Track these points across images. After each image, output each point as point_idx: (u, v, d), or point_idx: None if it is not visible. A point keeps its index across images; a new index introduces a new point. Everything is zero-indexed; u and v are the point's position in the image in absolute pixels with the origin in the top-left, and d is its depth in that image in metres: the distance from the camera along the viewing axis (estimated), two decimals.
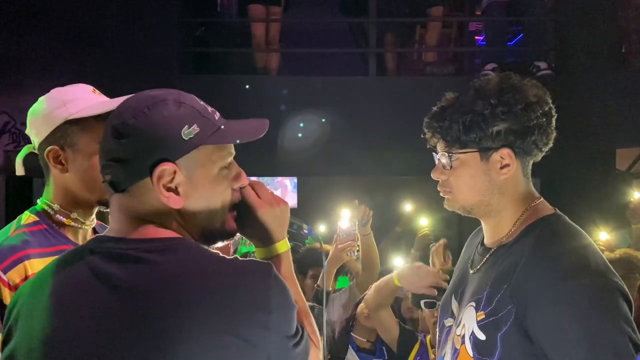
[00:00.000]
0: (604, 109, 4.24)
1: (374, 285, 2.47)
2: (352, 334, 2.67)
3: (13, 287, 1.25)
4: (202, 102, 1.04)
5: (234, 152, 1.06)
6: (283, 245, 1.12)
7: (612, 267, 1.20)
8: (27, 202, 4.98)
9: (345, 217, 2.75)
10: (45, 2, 4.54)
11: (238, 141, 1.04)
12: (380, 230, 4.99)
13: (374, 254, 3.02)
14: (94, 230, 1.46)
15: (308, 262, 3.22)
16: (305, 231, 1.27)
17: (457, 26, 5.44)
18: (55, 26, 4.47)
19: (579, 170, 4.16)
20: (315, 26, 5.15)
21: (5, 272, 1.26)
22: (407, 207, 4.61)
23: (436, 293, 2.20)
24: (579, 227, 1.29)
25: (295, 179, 6.92)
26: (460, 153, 1.30)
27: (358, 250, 2.77)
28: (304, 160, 4.72)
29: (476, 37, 5.77)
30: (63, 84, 1.44)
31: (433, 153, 1.38)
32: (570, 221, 1.30)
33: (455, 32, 5.43)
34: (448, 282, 2.13)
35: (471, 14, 5.52)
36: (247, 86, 4.68)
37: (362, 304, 2.66)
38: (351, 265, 3.27)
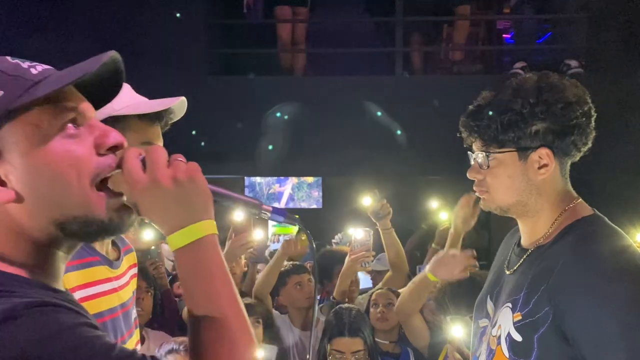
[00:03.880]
0: (636, 107, 4.14)
1: (405, 290, 2.41)
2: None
3: None
4: (14, 60, 0.78)
5: (83, 106, 0.80)
6: (191, 233, 0.81)
7: None
8: None
9: (359, 229, 2.73)
10: (75, 5, 4.63)
11: (61, 85, 0.75)
12: (407, 229, 4.97)
13: (399, 250, 2.97)
14: (113, 242, 1.37)
15: (332, 263, 3.19)
16: (267, 214, 0.92)
17: (485, 24, 5.38)
18: (85, 28, 4.55)
19: (609, 170, 4.08)
20: (341, 26, 5.14)
21: None
22: (433, 204, 4.59)
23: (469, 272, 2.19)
24: (618, 228, 1.26)
25: (320, 179, 6.95)
26: (498, 152, 1.28)
27: (373, 261, 2.75)
28: (330, 161, 4.73)
29: (504, 35, 5.70)
30: None
31: (468, 152, 1.37)
32: (609, 222, 1.28)
33: (483, 30, 5.38)
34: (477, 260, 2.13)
35: (499, 12, 5.45)
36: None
37: (377, 310, 2.62)
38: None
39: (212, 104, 4.51)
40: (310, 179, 7.12)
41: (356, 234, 2.71)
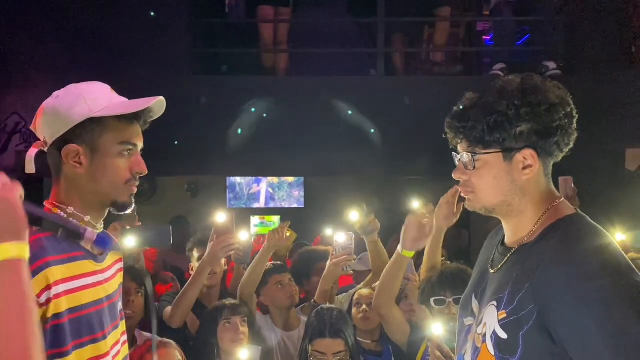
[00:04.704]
0: (613, 109, 4.23)
1: (381, 277, 2.37)
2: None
3: None
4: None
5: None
6: None
7: (634, 266, 1.21)
8: (38, 204, 5.00)
9: (341, 232, 2.72)
10: (57, 3, 4.56)
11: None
12: (390, 229, 5.00)
13: (384, 260, 2.99)
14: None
15: (311, 262, 3.18)
16: (89, 244, 1.03)
17: (465, 26, 5.44)
18: (66, 27, 4.48)
19: (588, 170, 4.15)
20: (323, 26, 5.15)
21: None
22: (415, 204, 4.61)
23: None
24: (599, 227, 1.29)
25: (301, 179, 6.95)
26: (484, 153, 1.30)
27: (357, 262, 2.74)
28: (311, 161, 4.73)
29: (484, 37, 5.77)
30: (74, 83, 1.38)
31: (453, 153, 1.38)
32: (591, 221, 1.31)
33: (463, 31, 5.43)
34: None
35: (479, 14, 5.51)
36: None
37: (360, 309, 2.61)
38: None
39: (194, 103, 4.49)
40: (290, 179, 7.12)
41: (338, 237, 2.71)
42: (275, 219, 7.12)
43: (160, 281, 3.50)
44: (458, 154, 1.37)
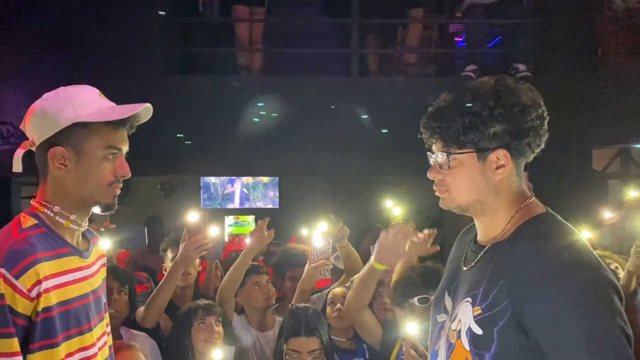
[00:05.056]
0: (580, 111, 4.34)
1: (354, 284, 2.41)
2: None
3: (25, 293, 1.25)
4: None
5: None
6: None
7: (604, 263, 1.25)
8: (4, 203, 4.89)
9: (319, 236, 2.73)
10: (28, 1, 4.46)
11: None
12: (364, 228, 5.03)
13: (355, 261, 3.04)
14: (83, 234, 1.47)
15: (286, 263, 3.21)
16: None
17: (438, 28, 5.51)
18: (38, 24, 4.39)
19: (556, 170, 4.25)
20: (299, 26, 5.16)
21: (17, 278, 1.24)
22: (388, 203, 4.66)
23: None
24: (569, 225, 1.33)
25: (276, 179, 6.94)
26: (458, 153, 1.33)
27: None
28: (286, 161, 4.73)
29: (456, 39, 5.84)
30: (47, 83, 1.44)
31: (428, 153, 1.40)
32: (562, 219, 1.34)
33: (436, 33, 5.50)
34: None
35: (452, 16, 5.59)
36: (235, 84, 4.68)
37: (334, 308, 2.62)
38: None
39: (168, 103, 4.44)
40: (265, 179, 7.11)
41: (316, 242, 2.72)
42: (250, 218, 7.10)
43: (136, 282, 3.46)
44: (433, 153, 1.39)
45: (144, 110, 1.43)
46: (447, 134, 1.32)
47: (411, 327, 1.85)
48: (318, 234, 2.76)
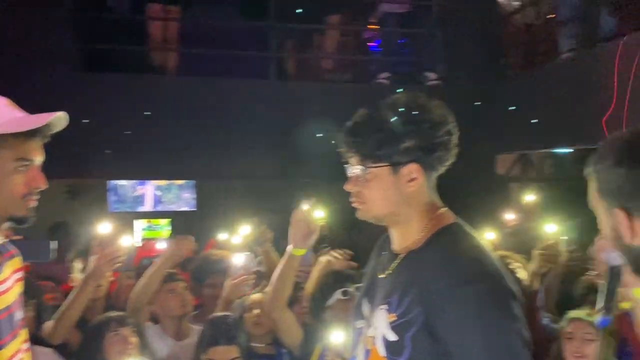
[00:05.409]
0: (486, 118, 4.60)
1: (272, 279, 2.34)
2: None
3: None
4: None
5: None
6: None
7: (504, 271, 1.35)
8: None
9: (240, 254, 2.69)
10: None
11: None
12: (284, 232, 5.04)
13: (276, 264, 3.05)
14: None
15: (205, 269, 3.16)
16: None
17: (353, 35, 5.63)
18: None
19: (463, 175, 4.47)
20: (216, 27, 5.08)
21: None
22: (306, 208, 4.70)
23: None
24: (475, 235, 1.42)
25: (193, 182, 6.77)
26: (373, 167, 1.38)
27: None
28: (202, 164, 4.65)
29: (370, 44, 5.99)
30: None
31: (346, 166, 1.46)
32: (469, 229, 1.43)
33: (352, 40, 5.62)
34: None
35: (367, 22, 5.74)
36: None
37: (252, 315, 2.61)
38: None
39: (76, 102, 4.22)
40: (180, 181, 6.92)
41: (236, 259, 2.69)
42: (164, 222, 6.89)
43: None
44: (351, 166, 1.44)
45: (58, 119, 1.37)
46: (363, 148, 1.38)
47: (336, 336, 1.88)
48: (238, 252, 2.73)
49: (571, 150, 5.58)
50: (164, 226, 6.89)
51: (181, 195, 7.04)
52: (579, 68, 3.84)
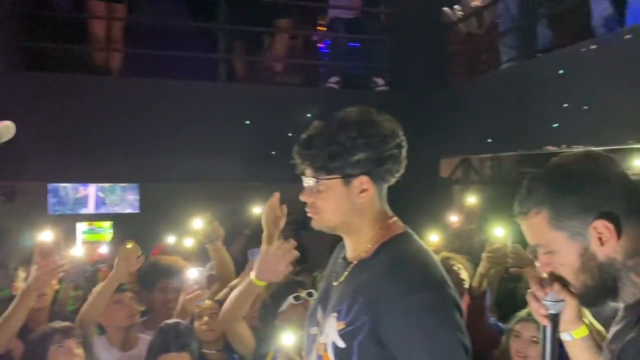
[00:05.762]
0: (430, 124, 4.73)
1: (230, 297, 2.42)
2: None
3: None
4: None
5: None
6: None
7: (448, 280, 1.41)
8: None
9: (194, 269, 2.67)
10: None
11: None
12: (233, 234, 5.01)
13: (228, 269, 3.04)
14: None
15: (155, 274, 3.12)
16: None
17: (303, 38, 5.67)
18: None
19: (408, 179, 4.59)
20: (163, 27, 4.98)
21: None
22: (256, 209, 4.71)
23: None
24: (423, 244, 1.49)
25: (137, 186, 6.60)
26: (326, 179, 1.43)
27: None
28: (147, 166, 4.55)
29: (319, 45, 6.05)
30: None
31: (302, 176, 1.50)
32: (416, 238, 1.50)
33: (301, 43, 5.65)
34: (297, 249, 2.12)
35: (316, 25, 5.78)
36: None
37: (202, 321, 2.60)
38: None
39: (14, 101, 4.05)
40: None
41: (190, 273, 2.66)
42: (107, 224, 6.69)
43: None
44: (305, 177, 1.47)
45: (6, 128, 1.33)
46: (315, 161, 1.43)
47: (287, 338, 1.90)
48: (193, 270, 2.69)
49: (511, 154, 5.82)
50: (106, 229, 6.69)
51: (125, 197, 6.86)
52: (519, 77, 4.02)
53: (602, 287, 1.15)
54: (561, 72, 3.52)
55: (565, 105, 3.49)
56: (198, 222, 2.99)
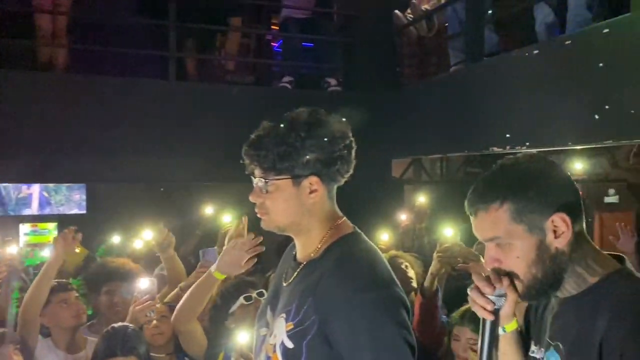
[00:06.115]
0: (382, 124, 4.80)
1: (188, 293, 2.33)
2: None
3: None
4: None
5: None
6: None
7: (395, 279, 1.43)
8: None
9: (145, 279, 2.64)
10: None
11: None
12: (180, 234, 4.92)
13: (179, 274, 3.01)
14: None
15: (102, 276, 3.05)
16: None
17: (256, 37, 5.64)
18: None
19: (361, 179, 4.63)
20: (112, 23, 4.85)
21: None
22: (209, 210, 4.66)
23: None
24: (371, 244, 1.51)
25: (84, 186, 6.40)
26: (275, 179, 1.43)
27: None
28: (94, 166, 4.42)
29: (273, 44, 6.03)
30: None
31: (251, 177, 1.49)
32: (365, 238, 1.51)
33: (254, 42, 5.62)
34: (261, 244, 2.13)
35: (269, 25, 5.76)
36: None
37: (151, 325, 2.55)
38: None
39: None
40: None
41: (141, 283, 2.61)
42: (52, 226, 6.45)
43: None
44: (254, 178, 1.47)
45: None
46: (265, 161, 1.42)
47: (242, 336, 1.89)
48: (143, 277, 2.65)
49: (460, 154, 5.98)
50: (51, 230, 6.46)
51: (71, 197, 6.63)
52: (467, 80, 4.12)
53: (550, 279, 1.22)
54: (507, 75, 3.65)
55: (510, 107, 3.61)
56: (149, 233, 2.98)
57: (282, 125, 1.43)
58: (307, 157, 1.42)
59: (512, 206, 1.20)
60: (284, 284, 1.53)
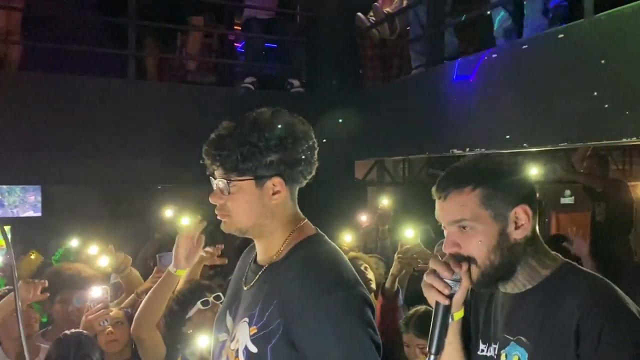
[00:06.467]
0: (345, 126, 4.81)
1: (146, 298, 2.28)
2: None
3: None
4: None
5: None
6: None
7: (359, 279, 1.43)
8: None
9: (97, 288, 2.61)
10: None
11: None
12: (139, 237, 4.82)
13: (137, 282, 2.97)
14: None
15: (57, 284, 2.96)
16: None
17: (218, 37, 5.57)
18: None
19: (324, 180, 4.63)
20: (68, 19, 4.70)
21: None
22: (167, 213, 4.57)
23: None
24: (334, 245, 1.49)
25: (39, 187, 6.19)
26: (238, 180, 1.40)
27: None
28: (49, 166, 4.28)
29: (236, 44, 5.97)
30: None
31: (211, 178, 1.45)
32: (327, 240, 1.50)
33: (216, 42, 5.55)
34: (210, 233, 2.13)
35: (231, 25, 5.70)
36: None
37: (106, 332, 2.50)
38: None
39: None
40: None
41: (94, 292, 2.57)
42: (5, 229, 6.20)
43: None
44: (215, 179, 1.43)
45: None
46: (227, 162, 1.39)
47: (202, 340, 1.86)
48: (97, 289, 2.59)
49: (422, 156, 6.05)
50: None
51: (26, 199, 6.40)
52: (428, 83, 4.17)
53: (504, 269, 1.27)
54: (468, 78, 3.70)
55: (469, 110, 3.67)
56: (104, 259, 2.94)
57: (245, 125, 1.40)
58: (271, 157, 1.40)
59: (483, 191, 1.25)
60: (245, 288, 1.50)
